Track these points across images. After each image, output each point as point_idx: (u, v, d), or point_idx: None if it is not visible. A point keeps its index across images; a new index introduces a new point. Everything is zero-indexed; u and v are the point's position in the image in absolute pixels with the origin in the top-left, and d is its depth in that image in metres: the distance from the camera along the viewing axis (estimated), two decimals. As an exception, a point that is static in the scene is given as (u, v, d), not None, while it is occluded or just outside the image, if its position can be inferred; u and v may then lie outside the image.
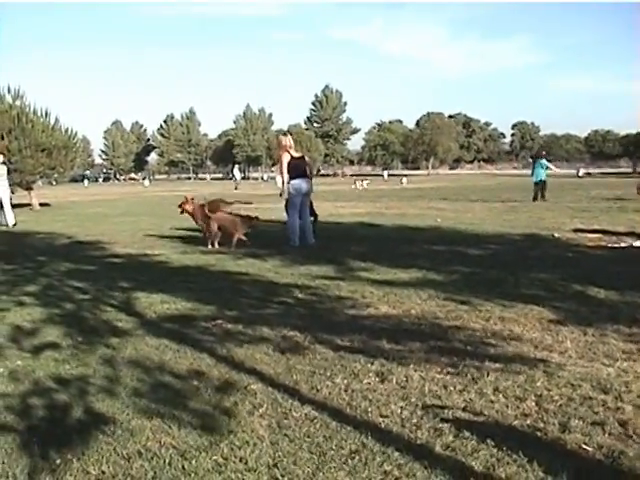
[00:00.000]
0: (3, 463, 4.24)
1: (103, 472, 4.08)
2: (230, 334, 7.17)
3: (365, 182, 67.44)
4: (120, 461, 4.21)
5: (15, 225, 21.91)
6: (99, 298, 9.39)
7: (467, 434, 4.38)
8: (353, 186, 62.75)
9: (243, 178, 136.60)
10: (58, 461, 4.22)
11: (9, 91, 40.63)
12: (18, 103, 40.59)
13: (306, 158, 15.82)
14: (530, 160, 61.66)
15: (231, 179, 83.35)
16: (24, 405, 5.25)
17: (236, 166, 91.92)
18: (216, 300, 8.91)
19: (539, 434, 4.41)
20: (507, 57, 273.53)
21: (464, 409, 4.85)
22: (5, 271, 12.30)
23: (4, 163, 23.84)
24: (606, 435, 4.34)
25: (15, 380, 5.86)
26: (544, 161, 31.90)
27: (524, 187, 39.14)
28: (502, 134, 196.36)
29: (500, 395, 5.09)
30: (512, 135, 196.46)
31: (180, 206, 16.05)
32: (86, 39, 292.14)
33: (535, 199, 30.42)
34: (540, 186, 30.97)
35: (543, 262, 11.61)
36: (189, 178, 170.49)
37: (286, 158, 14.93)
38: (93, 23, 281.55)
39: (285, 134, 16.68)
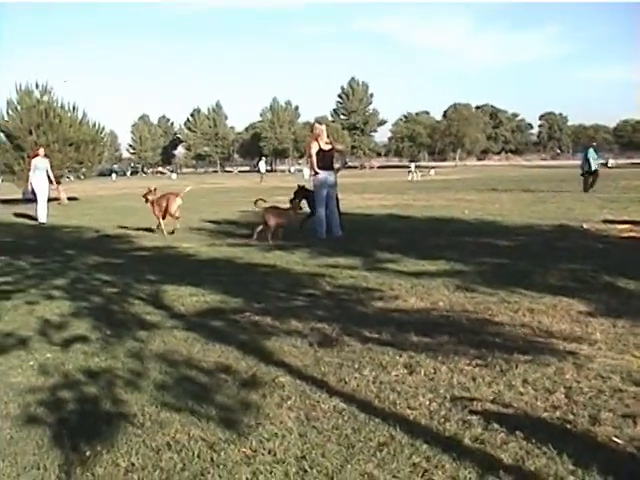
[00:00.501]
0: (34, 455, 4.27)
1: (132, 464, 4.10)
2: (258, 326, 7.19)
3: (432, 171, 67.20)
4: (149, 453, 4.23)
5: (44, 224, 21.83)
6: (127, 291, 9.43)
7: (496, 426, 4.35)
8: (410, 177, 62.22)
9: (270, 171, 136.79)
10: (88, 453, 4.24)
11: (37, 86, 40.89)
12: (46, 98, 40.84)
13: (340, 147, 15.82)
14: (558, 151, 61.32)
15: (258, 172, 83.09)
16: (54, 398, 5.29)
17: (262, 159, 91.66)
18: (244, 293, 8.92)
19: (569, 426, 4.38)
20: (535, 48, 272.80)
21: (493, 401, 4.83)
22: (34, 264, 12.39)
23: (46, 156, 23.68)
24: (637, 427, 4.30)
25: (45, 373, 5.91)
26: (592, 151, 31.41)
27: (552, 178, 39.00)
28: (530, 125, 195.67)
29: (529, 387, 5.06)
30: (540, 126, 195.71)
31: (144, 196, 17.41)
32: (114, 33, 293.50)
33: (586, 189, 30.01)
34: (592, 176, 30.59)
35: (572, 253, 11.52)
36: (215, 171, 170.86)
37: (315, 148, 14.92)
38: (121, 17, 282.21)
39: (320, 122, 16.72)
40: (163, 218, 16.83)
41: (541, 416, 4.54)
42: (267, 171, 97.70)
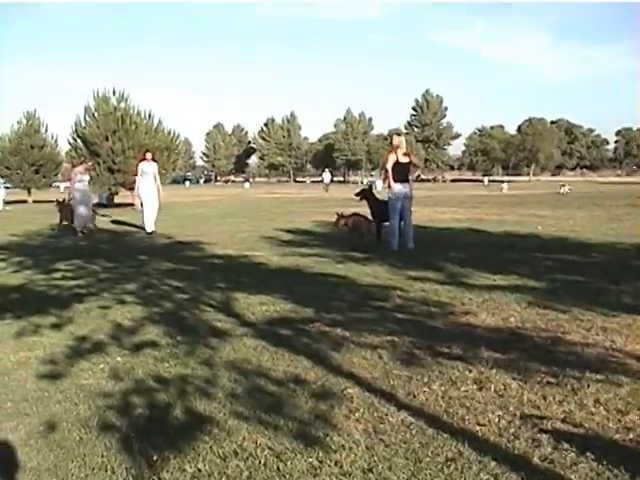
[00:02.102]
0: (103, 457, 4.35)
1: (199, 470, 4.14)
2: (328, 337, 7.20)
3: (504, 185, 67.28)
4: (216, 460, 4.27)
5: (151, 233, 21.03)
6: (198, 298, 9.53)
7: (566, 446, 4.30)
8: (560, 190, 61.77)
9: (342, 182, 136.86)
10: (155, 457, 4.30)
11: (114, 93, 41.68)
12: (123, 105, 41.58)
13: (416, 161, 15.83)
14: (635, 167, 60.22)
15: (322, 182, 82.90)
16: (123, 401, 5.38)
17: (326, 170, 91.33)
18: (314, 303, 8.95)
19: (642, 449, 4.30)
20: (611, 62, 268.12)
21: (563, 420, 4.76)
22: (107, 269, 12.60)
23: (154, 160, 22.65)
24: None
25: (115, 377, 6.01)
26: None
27: (628, 195, 38.35)
28: (605, 141, 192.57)
29: (601, 407, 4.98)
30: (616, 142, 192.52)
31: (335, 224, 16.35)
32: (192, 42, 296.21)
33: None
34: None
35: (648, 272, 11.31)
36: (287, 181, 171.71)
37: (392, 160, 14.94)
38: (199, 25, 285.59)
39: (399, 134, 16.72)
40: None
41: (613, 437, 4.46)
42: (335, 182, 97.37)
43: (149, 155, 21.77)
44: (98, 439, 4.62)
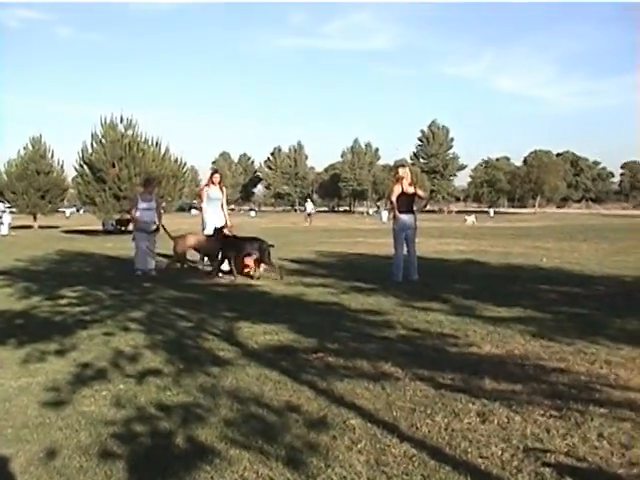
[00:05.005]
0: (104, 485, 4.32)
1: (201, 500, 4.12)
2: (331, 367, 7.18)
3: (469, 218, 67.55)
4: (217, 490, 4.24)
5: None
6: (202, 326, 9.52)
7: (569, 480, 4.28)
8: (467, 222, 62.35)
9: (347, 212, 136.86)
10: (157, 486, 4.28)
11: (122, 120, 41.89)
12: (130, 132, 41.81)
13: (422, 194, 15.80)
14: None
15: (358, 213, 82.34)
16: (125, 429, 5.36)
17: (308, 200, 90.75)
18: (318, 333, 8.94)
19: (646, 484, 4.28)
20: (617, 95, 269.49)
21: (567, 454, 4.74)
22: (112, 296, 12.59)
23: (223, 185, 18.80)
24: None
25: (117, 404, 6.00)
26: None
27: (633, 228, 38.33)
28: (611, 173, 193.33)
29: (605, 441, 4.96)
30: (621, 175, 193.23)
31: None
32: (198, 70, 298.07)
33: None
34: None
35: (653, 306, 11.27)
36: (293, 210, 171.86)
37: (397, 191, 14.97)
38: (203, 54, 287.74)
39: (403, 165, 16.80)
40: None
41: (617, 472, 4.44)
42: (341, 211, 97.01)
43: (217, 178, 18.55)
44: (99, 467, 4.60)
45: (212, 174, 18.78)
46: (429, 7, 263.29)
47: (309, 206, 78.72)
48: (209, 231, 17.10)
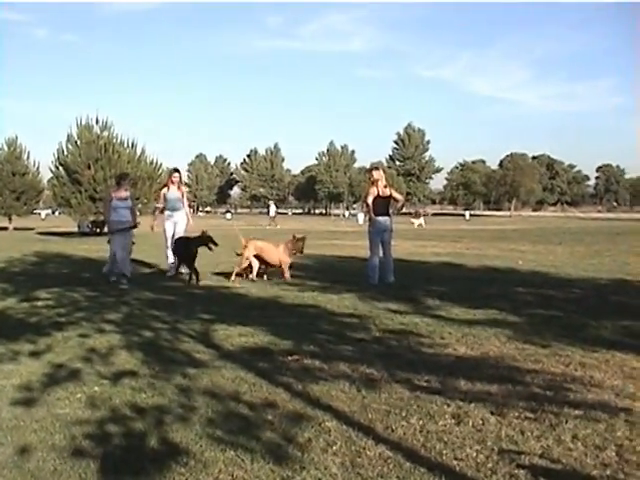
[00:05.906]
0: (78, 488, 4.30)
1: (176, 502, 4.11)
2: (306, 369, 7.18)
3: (417, 221, 67.68)
4: (192, 492, 4.23)
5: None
6: (178, 328, 9.49)
7: (544, 481, 4.29)
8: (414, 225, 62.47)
9: (324, 214, 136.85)
10: (131, 488, 4.26)
11: (97, 122, 41.72)
12: (106, 134, 41.64)
13: (398, 197, 15.76)
14: (615, 204, 60.71)
15: (334, 215, 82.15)
16: (100, 431, 5.34)
17: (271, 203, 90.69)
18: (293, 335, 8.93)
19: (619, 485, 4.30)
20: (593, 99, 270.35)
21: (541, 456, 4.76)
22: (89, 298, 12.53)
23: (183, 184, 18.83)
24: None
25: (92, 406, 5.97)
26: None
27: (608, 231, 38.55)
28: (586, 177, 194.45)
29: (579, 443, 4.98)
30: (597, 178, 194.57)
31: None
32: (173, 72, 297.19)
33: None
34: None
35: (627, 308, 11.32)
36: (267, 212, 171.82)
37: (372, 194, 14.94)
38: (180, 55, 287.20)
39: (377, 168, 16.72)
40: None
41: (591, 473, 4.46)
42: (317, 214, 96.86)
43: (175, 177, 17.91)
44: (73, 469, 4.58)
45: (171, 173, 18.18)
46: (406, 10, 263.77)
47: (272, 209, 79.00)
48: (169, 235, 17.27)
